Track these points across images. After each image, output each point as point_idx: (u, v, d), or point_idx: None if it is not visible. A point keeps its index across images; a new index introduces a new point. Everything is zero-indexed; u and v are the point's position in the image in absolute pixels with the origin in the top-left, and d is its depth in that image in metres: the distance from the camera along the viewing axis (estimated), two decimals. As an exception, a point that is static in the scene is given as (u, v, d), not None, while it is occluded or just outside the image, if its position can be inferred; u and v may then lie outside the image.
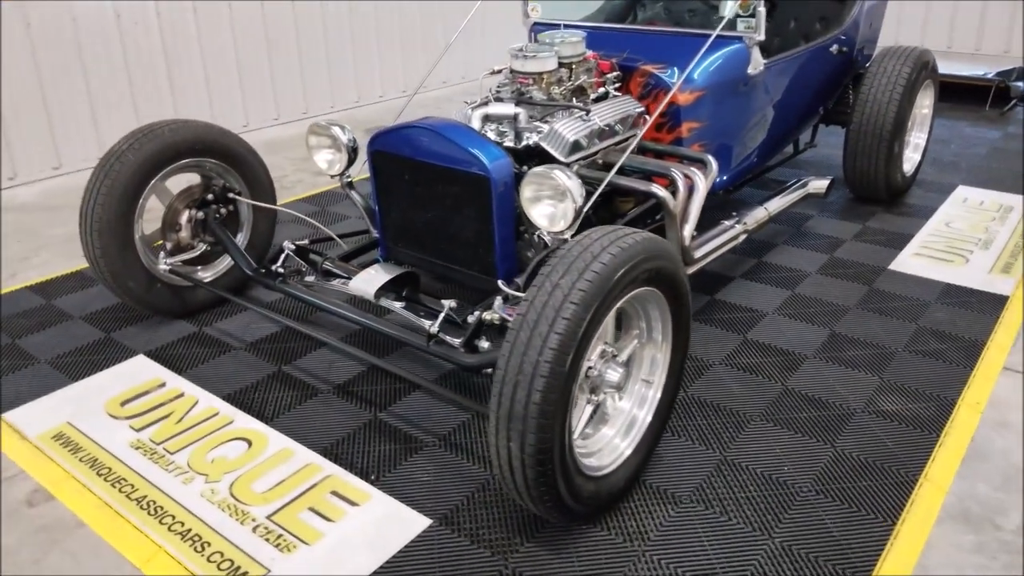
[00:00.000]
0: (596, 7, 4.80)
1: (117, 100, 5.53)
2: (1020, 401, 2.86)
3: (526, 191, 2.66)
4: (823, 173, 5.08)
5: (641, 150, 3.41)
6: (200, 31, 5.87)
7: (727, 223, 3.46)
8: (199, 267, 3.44)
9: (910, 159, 4.74)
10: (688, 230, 3.11)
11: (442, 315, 2.64)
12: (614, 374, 2.24)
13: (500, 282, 2.72)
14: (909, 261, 3.95)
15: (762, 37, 3.47)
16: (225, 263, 3.49)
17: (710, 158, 3.35)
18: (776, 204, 3.74)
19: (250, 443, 2.65)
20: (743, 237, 3.47)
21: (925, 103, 4.72)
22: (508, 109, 3.07)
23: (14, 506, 2.42)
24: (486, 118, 3.09)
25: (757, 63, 3.60)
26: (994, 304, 3.51)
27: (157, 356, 3.17)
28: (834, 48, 4.29)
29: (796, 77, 4.06)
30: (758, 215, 3.60)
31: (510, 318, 2.49)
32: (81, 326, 3.41)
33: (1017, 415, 2.78)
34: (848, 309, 3.50)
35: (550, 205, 2.63)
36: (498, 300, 2.59)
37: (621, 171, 2.97)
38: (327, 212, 4.73)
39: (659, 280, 2.22)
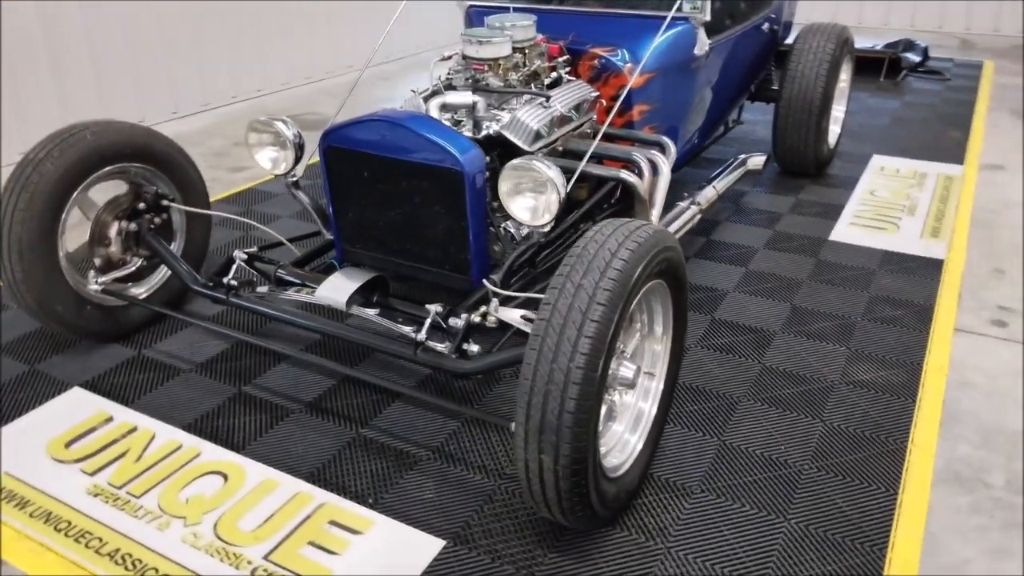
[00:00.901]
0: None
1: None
2: (977, 362, 2.98)
3: (505, 184, 2.54)
4: (746, 149, 5.20)
5: (597, 135, 3.34)
6: (87, 19, 5.37)
7: (682, 204, 3.46)
8: (130, 283, 3.13)
9: (832, 132, 4.89)
10: (655, 214, 3.08)
11: (428, 321, 2.49)
12: (627, 371, 2.16)
13: (485, 281, 2.59)
14: (846, 231, 4.07)
15: (707, 18, 3.46)
16: (159, 277, 3.19)
17: (667, 140, 3.33)
18: (723, 183, 3.76)
19: (226, 477, 2.42)
20: (698, 217, 3.47)
21: (844, 77, 4.87)
22: (466, 98, 2.94)
23: (-39, 575, 2.13)
24: (443, 107, 2.95)
25: (703, 44, 3.60)
26: (932, 268, 3.66)
27: (96, 387, 2.86)
28: (765, 26, 4.35)
29: (733, 56, 4.09)
30: (708, 194, 3.61)
31: (521, 323, 2.38)
32: (-1, 359, 3.05)
33: (977, 375, 2.90)
34: (802, 282, 3.56)
35: (532, 197, 2.53)
36: (494, 302, 2.46)
37: (582, 157, 2.89)
38: (254, 212, 4.43)
39: (666, 272, 2.16)
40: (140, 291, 3.14)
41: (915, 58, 7.29)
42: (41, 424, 2.66)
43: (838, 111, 4.95)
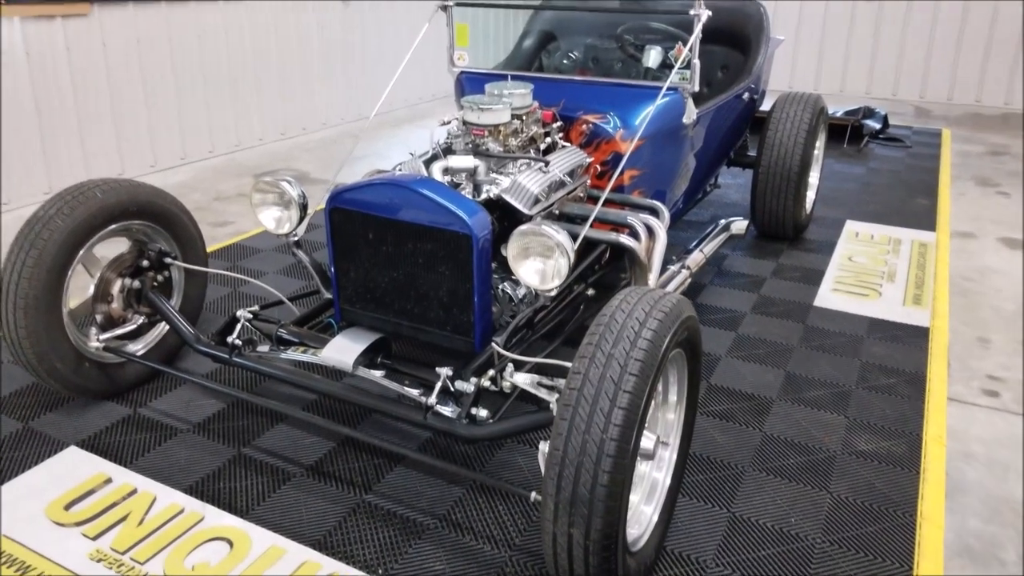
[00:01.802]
0: (506, 55, 4.80)
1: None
2: (976, 432, 3.05)
3: (513, 248, 2.57)
4: (721, 212, 5.34)
5: (591, 199, 3.41)
6: (72, 73, 5.35)
7: (673, 268, 3.52)
8: (127, 340, 3.07)
9: (808, 197, 5.03)
10: (653, 279, 3.13)
11: (439, 385, 2.48)
12: (648, 442, 2.17)
13: (494, 344, 2.59)
14: (830, 296, 4.17)
15: (696, 88, 3.58)
16: (155, 334, 3.14)
17: (660, 205, 3.41)
18: (710, 246, 3.85)
19: (231, 543, 2.36)
20: (689, 281, 3.54)
21: (818, 144, 5.04)
22: (468, 162, 2.99)
23: (-45, 650, 2.03)
24: (445, 171, 2.99)
25: (691, 112, 3.71)
26: (918, 336, 3.76)
27: (92, 446, 2.78)
28: (745, 95, 4.50)
29: (715, 124, 4.23)
30: (696, 258, 3.68)
31: (535, 389, 2.38)
32: (-12, 416, 2.95)
33: (976, 446, 2.97)
34: (793, 348, 3.63)
35: (540, 261, 2.56)
36: (509, 367, 2.46)
37: (577, 220, 2.94)
38: (240, 268, 4.39)
39: (687, 341, 2.19)
40: (137, 348, 3.08)
41: (876, 125, 7.57)
42: (39, 485, 2.58)
43: (813, 177, 5.11)
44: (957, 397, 3.28)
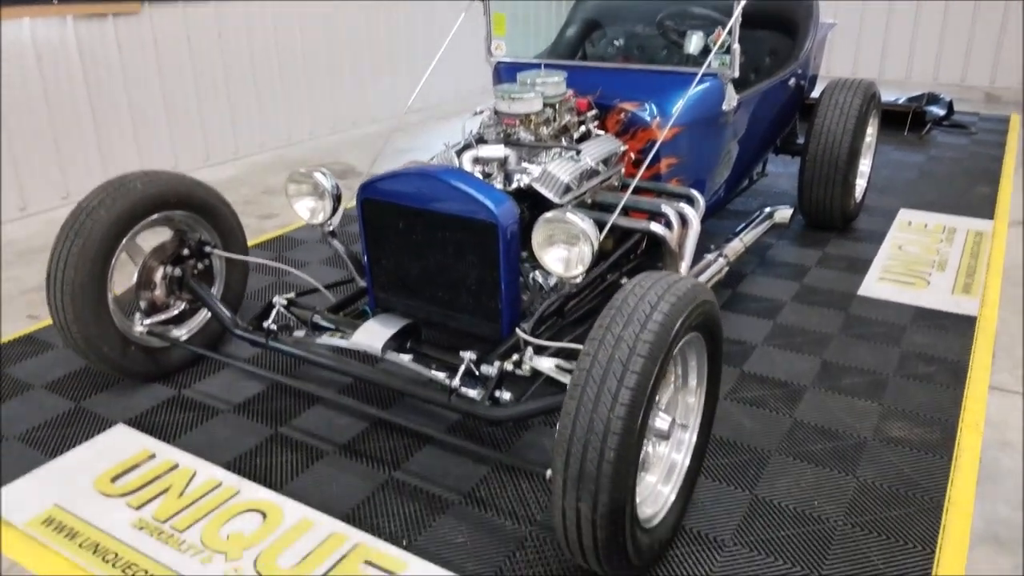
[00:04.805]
0: (548, 44, 4.83)
1: (34, 141, 5.17)
2: (1015, 422, 2.97)
3: (538, 236, 2.60)
4: (769, 201, 5.26)
5: (625, 188, 3.41)
6: (125, 71, 5.59)
7: (710, 257, 3.50)
8: (171, 326, 3.22)
9: (858, 186, 4.93)
10: (685, 267, 3.12)
11: (462, 367, 2.54)
12: (662, 423, 2.19)
13: (517, 330, 2.64)
14: (875, 286, 4.09)
15: (736, 74, 3.54)
16: (199, 320, 3.28)
17: (696, 193, 3.38)
18: (750, 235, 3.81)
19: (265, 515, 2.47)
20: (726, 270, 3.51)
21: (870, 132, 4.93)
22: (498, 151, 3.03)
23: (8, 607, 2.18)
24: (475, 160, 3.04)
25: (731, 99, 3.68)
26: (965, 325, 3.66)
27: (139, 424, 2.94)
28: (792, 81, 4.43)
29: (760, 110, 4.17)
30: (735, 247, 3.65)
31: (555, 372, 2.42)
32: (46, 396, 3.12)
33: (1016, 435, 2.89)
34: (832, 336, 3.58)
35: (564, 249, 2.59)
36: (528, 350, 2.51)
37: (611, 209, 2.96)
38: (284, 259, 4.53)
39: (703, 325, 2.20)
40: (181, 333, 3.22)
41: (939, 111, 7.34)
42: (88, 459, 2.73)
43: (864, 166, 5.00)
44: (999, 386, 3.19)
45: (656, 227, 3.04)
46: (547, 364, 2.49)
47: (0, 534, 2.40)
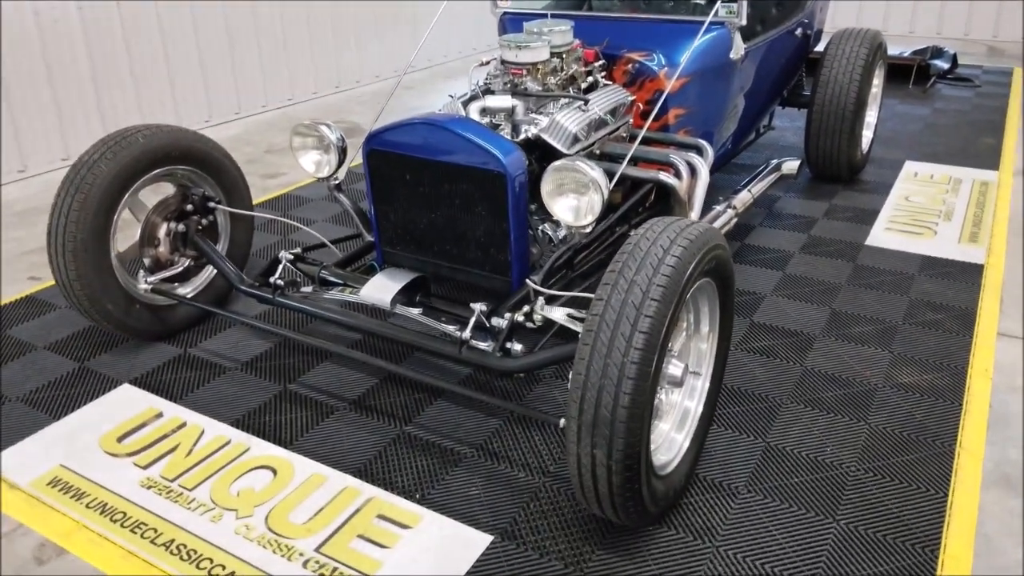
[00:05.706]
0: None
1: (34, 101, 5.09)
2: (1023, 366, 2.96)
3: (547, 185, 2.56)
4: (776, 155, 5.20)
5: (633, 139, 3.36)
6: (126, 29, 5.47)
7: (719, 208, 3.46)
8: (176, 283, 3.18)
9: (864, 137, 4.87)
10: (694, 216, 3.09)
11: (473, 319, 2.52)
12: (675, 369, 2.17)
13: (528, 281, 2.61)
14: (883, 236, 4.06)
15: (743, 22, 3.47)
16: (204, 277, 3.25)
17: (704, 143, 3.33)
18: (758, 187, 3.76)
19: (275, 471, 2.46)
20: (735, 221, 3.48)
21: (876, 83, 4.86)
22: (505, 102, 2.97)
23: (21, 565, 2.17)
24: (482, 111, 2.98)
25: (738, 48, 3.61)
26: (972, 273, 3.64)
27: (144, 384, 2.91)
28: (798, 32, 4.36)
29: (767, 61, 4.10)
30: (744, 198, 3.61)
31: (567, 321, 2.40)
32: (48, 357, 3.10)
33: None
34: (840, 286, 3.56)
35: (574, 198, 2.55)
36: (540, 300, 2.48)
37: (619, 159, 2.91)
38: (290, 216, 4.48)
39: (715, 270, 2.17)
40: (186, 291, 3.19)
41: (944, 65, 7.26)
42: (94, 419, 2.71)
43: (870, 116, 4.94)
44: (1007, 332, 3.18)
45: (665, 177, 3.00)
46: (559, 314, 2.46)
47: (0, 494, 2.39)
